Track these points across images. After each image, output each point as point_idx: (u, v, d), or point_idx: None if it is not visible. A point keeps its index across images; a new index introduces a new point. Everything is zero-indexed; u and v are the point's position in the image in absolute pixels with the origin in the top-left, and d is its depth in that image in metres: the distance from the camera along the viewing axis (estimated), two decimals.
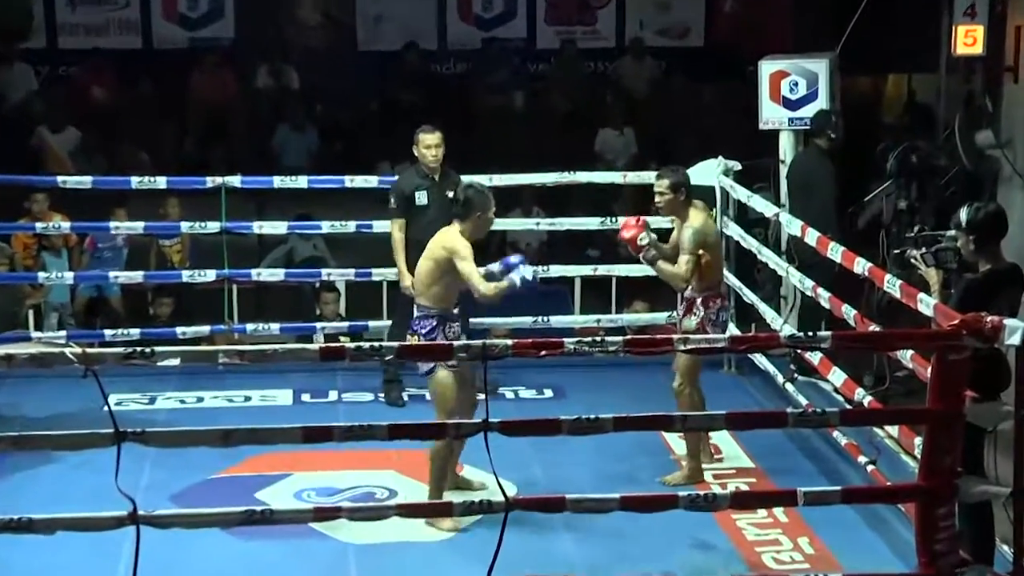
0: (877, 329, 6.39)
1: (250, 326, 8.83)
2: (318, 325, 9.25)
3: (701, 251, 6.89)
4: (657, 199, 6.99)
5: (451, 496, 6.26)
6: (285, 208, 10.61)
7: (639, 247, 6.87)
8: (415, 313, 6.47)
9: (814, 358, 7.21)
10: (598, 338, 4.99)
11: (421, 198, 7.91)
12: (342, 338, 9.06)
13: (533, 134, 13.04)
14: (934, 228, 6.12)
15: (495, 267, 6.52)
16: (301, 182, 8.82)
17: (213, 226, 8.69)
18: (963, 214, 5.56)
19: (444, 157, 7.95)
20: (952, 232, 5.69)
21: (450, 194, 7.80)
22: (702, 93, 13.65)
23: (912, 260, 5.89)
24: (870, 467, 6.54)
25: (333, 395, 8.31)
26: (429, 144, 7.91)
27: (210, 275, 8.80)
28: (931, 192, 9.02)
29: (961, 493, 5.18)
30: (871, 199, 9.12)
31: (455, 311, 6.48)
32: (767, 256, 8.17)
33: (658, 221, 7.63)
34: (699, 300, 7.00)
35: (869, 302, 7.81)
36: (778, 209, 8.20)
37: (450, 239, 6.38)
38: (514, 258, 6.48)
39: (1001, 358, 5.20)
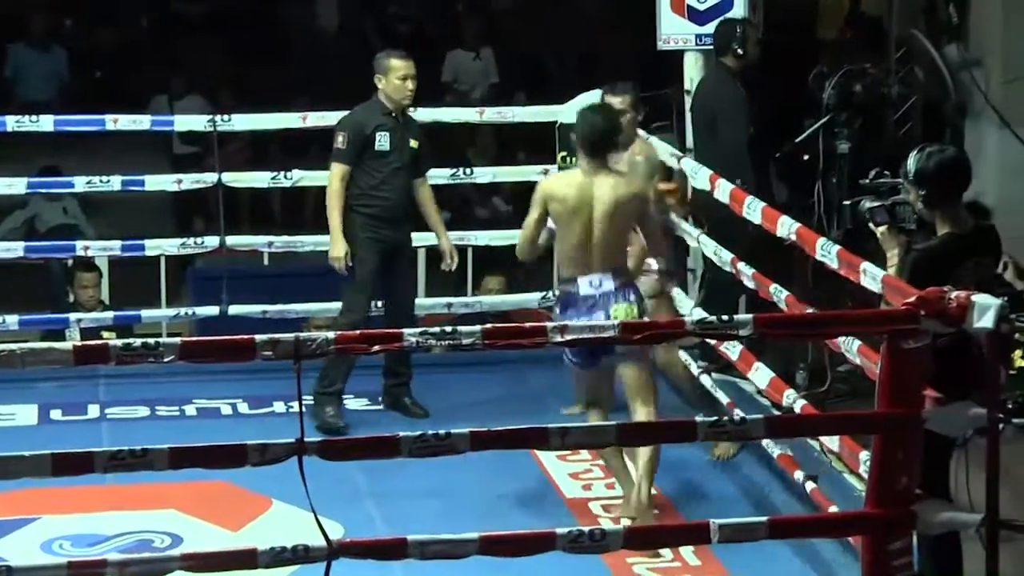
0: (811, 311, 6.48)
1: None
2: (72, 316, 9.17)
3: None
4: None
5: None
6: (24, 159, 10.47)
7: None
8: (616, 283, 6.66)
9: (732, 351, 7.29)
10: (448, 328, 5.01)
11: (382, 141, 8.01)
12: (105, 334, 9.01)
13: (357, 58, 12.96)
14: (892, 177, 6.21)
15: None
16: (45, 123, 8.74)
17: None
18: (910, 161, 5.66)
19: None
20: None
21: (413, 143, 7.97)
22: (583, 2, 13.73)
23: (866, 216, 5.96)
24: (810, 485, 6.61)
25: (94, 411, 8.28)
26: (406, 74, 7.99)
27: None
28: (881, 131, 9.19)
29: (921, 522, 5.28)
30: (803, 140, 9.26)
31: None
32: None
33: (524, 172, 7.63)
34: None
35: (803, 275, 7.92)
36: (682, 155, 8.30)
37: (631, 182, 6.82)
38: None
39: (969, 346, 5.30)
